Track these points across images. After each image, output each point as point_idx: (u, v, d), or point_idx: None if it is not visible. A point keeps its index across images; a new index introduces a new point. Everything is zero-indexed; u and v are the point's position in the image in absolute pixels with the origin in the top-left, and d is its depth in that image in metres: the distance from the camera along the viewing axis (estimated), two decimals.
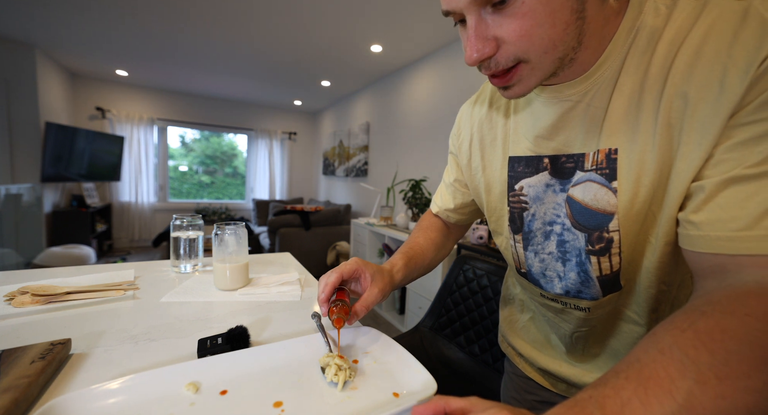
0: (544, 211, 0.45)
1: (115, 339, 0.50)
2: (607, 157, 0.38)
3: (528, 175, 0.46)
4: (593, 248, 0.41)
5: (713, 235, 0.30)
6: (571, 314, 0.48)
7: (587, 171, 0.40)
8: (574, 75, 0.38)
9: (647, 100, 0.34)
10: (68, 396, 0.33)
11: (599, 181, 0.38)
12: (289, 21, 2.33)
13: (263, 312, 0.62)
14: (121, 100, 4.20)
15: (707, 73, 0.30)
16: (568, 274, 0.45)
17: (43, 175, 3.09)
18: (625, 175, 0.37)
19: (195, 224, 0.85)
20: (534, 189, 0.46)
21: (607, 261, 0.41)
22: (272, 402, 0.36)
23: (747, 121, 0.29)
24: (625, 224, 0.38)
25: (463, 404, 0.27)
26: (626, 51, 0.35)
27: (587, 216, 0.41)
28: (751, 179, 0.29)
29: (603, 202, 0.39)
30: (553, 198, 0.44)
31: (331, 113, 4.90)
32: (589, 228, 0.41)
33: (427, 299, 2.05)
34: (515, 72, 0.35)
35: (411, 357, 0.43)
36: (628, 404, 0.24)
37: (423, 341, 0.95)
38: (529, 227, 0.48)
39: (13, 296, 0.60)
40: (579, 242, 0.42)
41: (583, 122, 0.39)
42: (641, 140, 0.35)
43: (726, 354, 0.24)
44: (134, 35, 2.71)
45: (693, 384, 0.23)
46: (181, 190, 4.94)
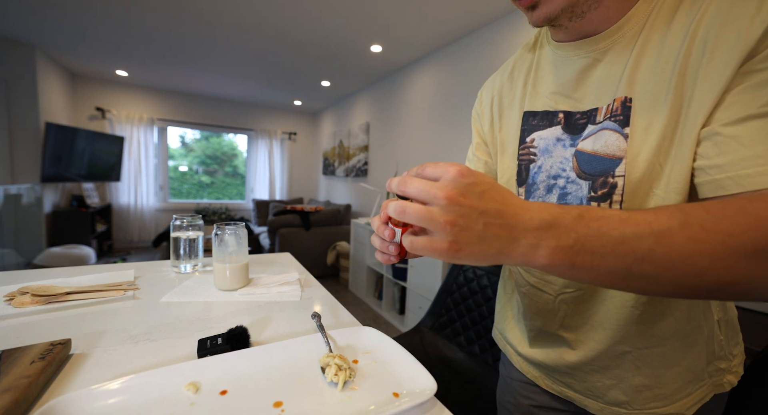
0: (551, 164, 0.46)
1: (115, 339, 0.50)
2: (622, 105, 0.38)
3: (541, 128, 0.47)
4: (595, 194, 0.41)
5: (742, 173, 0.29)
6: None
7: (599, 122, 0.40)
8: (595, 29, 0.40)
9: (667, 52, 0.35)
10: (68, 396, 0.33)
11: (612, 128, 0.39)
12: (289, 21, 2.33)
13: (263, 312, 0.62)
14: (121, 100, 4.20)
15: (727, 24, 0.31)
16: None
17: (43, 176, 3.09)
18: (638, 122, 0.37)
19: (195, 224, 0.85)
20: (544, 141, 0.46)
21: (607, 207, 0.40)
22: (272, 402, 0.36)
23: (760, 68, 0.29)
24: (630, 169, 0.38)
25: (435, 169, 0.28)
26: (650, 11, 0.37)
27: (595, 163, 0.41)
28: (764, 116, 0.29)
29: (613, 148, 0.39)
30: (562, 152, 0.44)
31: (331, 113, 4.90)
32: (595, 175, 0.41)
33: (427, 299, 2.05)
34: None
35: (411, 357, 0.43)
36: (606, 218, 0.26)
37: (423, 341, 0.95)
38: (533, 178, 0.48)
39: (13, 296, 0.60)
40: (581, 192, 0.42)
41: (600, 79, 0.40)
42: (656, 90, 0.36)
43: (721, 216, 0.25)
44: (134, 35, 2.71)
45: (675, 225, 0.25)
46: (181, 191, 4.94)
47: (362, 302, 2.87)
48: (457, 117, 2.47)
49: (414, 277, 2.19)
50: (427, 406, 0.38)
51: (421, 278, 2.12)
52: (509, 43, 2.06)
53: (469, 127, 2.36)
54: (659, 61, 0.36)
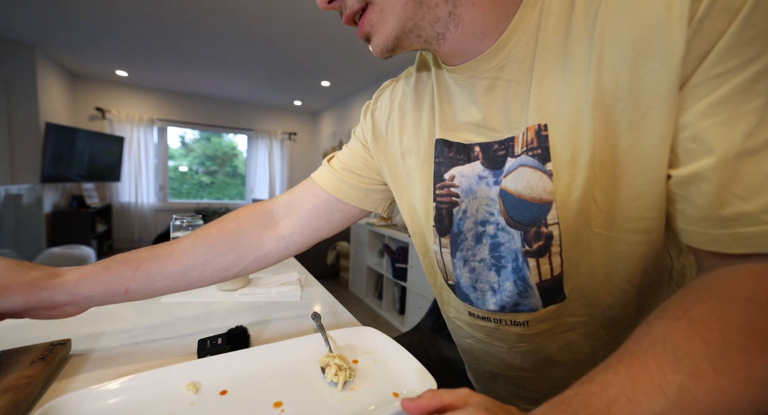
0: (477, 207, 0.39)
1: (115, 339, 0.50)
2: (537, 134, 0.32)
3: (461, 163, 0.39)
4: (530, 249, 0.35)
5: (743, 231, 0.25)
6: (506, 331, 0.42)
7: (518, 155, 0.34)
8: (480, 47, 0.34)
9: (573, 66, 0.30)
10: (68, 397, 0.33)
11: (531, 165, 0.33)
12: (289, 21, 2.33)
13: (263, 312, 0.62)
14: (121, 100, 4.20)
15: (641, 21, 0.25)
16: (503, 284, 0.38)
17: (43, 176, 3.09)
18: (560, 155, 0.31)
19: (195, 224, 0.85)
20: (467, 180, 0.39)
21: (547, 263, 0.35)
22: (272, 402, 0.36)
23: (713, 75, 0.24)
24: (564, 214, 0.32)
25: (455, 398, 0.25)
26: (539, 15, 0.31)
27: (522, 209, 0.34)
28: (758, 153, 0.23)
29: (539, 190, 0.33)
30: (486, 192, 0.38)
31: (331, 113, 4.90)
32: (525, 224, 0.35)
33: (427, 299, 2.05)
34: (365, 16, 0.32)
35: (411, 357, 0.43)
36: (615, 403, 0.22)
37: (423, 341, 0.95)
38: (458, 227, 0.40)
39: None
40: (515, 243, 0.36)
41: (507, 101, 0.34)
42: (571, 112, 0.30)
43: (724, 345, 0.21)
44: (134, 36, 2.71)
45: (686, 378, 0.21)
46: (181, 191, 4.94)
47: (362, 302, 2.87)
48: None
49: (414, 277, 2.19)
50: None
51: (421, 278, 2.12)
52: None
53: None
54: (567, 76, 0.30)
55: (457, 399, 0.25)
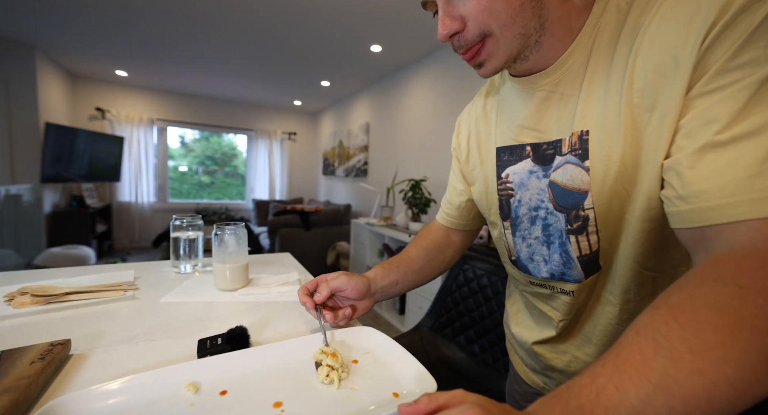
0: (529, 196, 0.47)
1: (115, 340, 0.50)
2: (580, 138, 0.40)
3: (512, 163, 0.49)
4: (572, 227, 0.43)
5: (702, 205, 0.29)
6: (559, 299, 0.49)
7: (564, 155, 0.42)
8: (545, 64, 0.41)
9: (613, 84, 0.37)
10: (68, 397, 0.33)
11: (574, 162, 0.41)
12: (289, 21, 2.33)
13: (263, 312, 0.62)
14: (120, 100, 4.20)
15: (664, 51, 0.32)
16: (552, 256, 0.47)
17: (42, 176, 3.09)
18: (596, 155, 0.39)
19: (195, 224, 0.85)
20: (518, 176, 0.48)
21: (585, 240, 0.43)
22: (272, 402, 0.36)
23: (705, 91, 0.30)
24: (598, 201, 0.40)
25: (450, 399, 0.26)
26: (591, 44, 0.39)
27: (566, 197, 0.43)
28: (722, 145, 0.29)
29: (578, 182, 0.41)
30: (537, 184, 0.46)
31: (331, 113, 4.90)
32: (568, 208, 0.43)
33: (427, 299, 2.05)
34: (483, 47, 0.40)
35: (411, 357, 0.43)
36: (603, 391, 0.23)
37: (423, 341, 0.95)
38: (516, 212, 0.50)
39: (12, 297, 0.60)
40: (560, 224, 0.44)
41: (558, 110, 0.42)
42: (608, 121, 0.37)
43: (696, 325, 0.23)
44: (134, 36, 2.71)
45: (667, 362, 0.22)
46: (181, 191, 4.94)
47: None
48: (457, 116, 2.47)
49: None
50: None
51: None
52: None
53: None
54: (608, 93, 0.37)
55: (452, 399, 0.26)
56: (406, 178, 2.89)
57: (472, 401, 0.25)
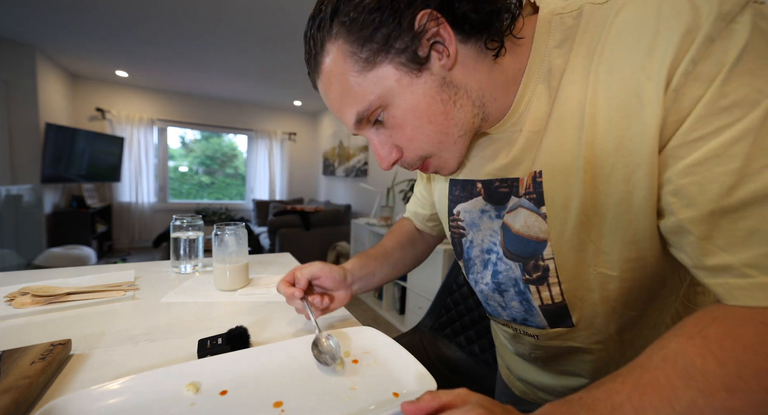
0: (482, 238, 0.44)
1: (115, 340, 0.50)
2: (534, 180, 0.36)
3: (463, 200, 0.45)
4: (530, 277, 0.39)
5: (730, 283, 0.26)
6: (523, 339, 0.47)
7: (520, 197, 0.38)
8: (501, 116, 0.38)
9: (568, 120, 0.33)
10: (68, 397, 0.33)
11: (528, 207, 0.37)
12: (289, 21, 2.33)
13: (263, 312, 0.62)
14: (121, 100, 4.20)
15: (625, 88, 0.28)
16: (509, 303, 0.44)
17: (43, 176, 3.09)
18: (553, 199, 0.35)
19: (195, 224, 0.85)
20: (470, 215, 0.45)
21: (546, 290, 0.39)
22: (272, 402, 0.36)
23: (689, 140, 0.26)
24: (558, 251, 0.36)
25: (453, 398, 0.26)
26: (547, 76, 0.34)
27: (520, 244, 0.39)
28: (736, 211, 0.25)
29: (535, 229, 0.37)
30: (489, 224, 0.42)
31: (331, 113, 4.89)
32: (524, 257, 0.39)
33: (427, 299, 2.05)
34: (428, 165, 0.39)
35: (411, 357, 0.43)
36: (619, 409, 0.22)
37: (423, 341, 0.95)
38: (468, 253, 0.47)
39: (13, 297, 0.60)
40: (514, 272, 0.41)
41: (521, 150, 0.37)
42: (564, 162, 0.33)
43: (738, 366, 0.22)
44: (134, 36, 2.71)
45: (697, 395, 0.21)
46: (181, 191, 4.94)
47: (362, 302, 2.87)
48: None
49: (414, 277, 2.19)
50: None
51: (421, 278, 2.12)
52: None
53: None
54: (560, 129, 0.33)
55: (455, 398, 0.26)
56: (406, 179, 2.88)
57: (475, 402, 0.25)
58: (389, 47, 0.31)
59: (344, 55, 0.33)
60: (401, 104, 0.33)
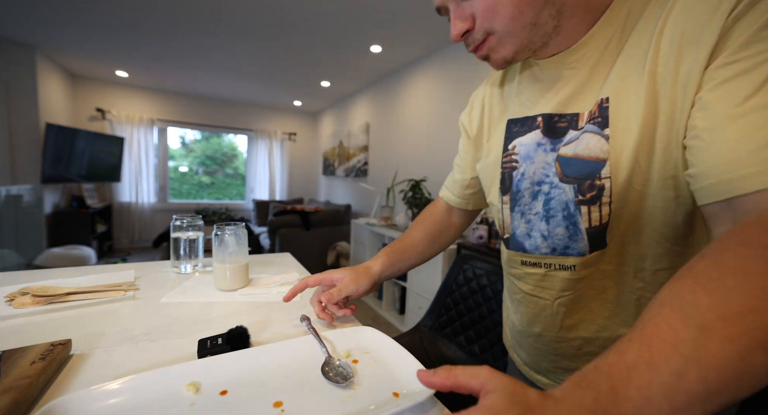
0: (534, 170, 0.46)
1: (115, 340, 0.50)
2: (600, 106, 0.39)
3: (521, 135, 0.48)
4: (584, 198, 0.41)
5: (725, 178, 0.29)
6: (555, 277, 0.47)
7: (580, 128, 0.41)
8: (568, 44, 0.41)
9: (635, 52, 0.37)
10: (68, 397, 0.33)
11: (593, 131, 0.40)
12: (289, 21, 2.33)
13: (263, 312, 0.62)
14: (121, 101, 4.21)
15: (693, 19, 0.32)
16: (553, 231, 0.45)
17: (43, 176, 3.09)
18: (617, 122, 0.38)
19: (195, 224, 0.85)
20: (525, 147, 0.47)
21: (597, 210, 0.41)
22: (272, 402, 0.36)
23: (728, 62, 0.30)
24: (615, 170, 0.38)
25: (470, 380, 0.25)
26: (625, 19, 0.38)
27: (579, 166, 0.41)
28: (743, 116, 0.28)
29: (596, 150, 0.39)
30: (543, 157, 0.45)
31: (330, 114, 4.90)
32: (580, 178, 0.41)
33: (427, 298, 2.05)
34: (485, 44, 0.41)
35: (411, 357, 0.43)
36: (633, 369, 0.22)
37: (423, 341, 0.95)
38: (517, 186, 0.48)
39: (13, 297, 0.60)
40: (567, 195, 0.43)
41: (583, 85, 0.41)
42: (629, 89, 0.37)
43: (725, 291, 0.22)
44: (134, 36, 2.71)
45: (697, 332, 0.21)
46: (182, 191, 4.94)
47: (362, 302, 2.87)
48: (457, 116, 2.47)
49: (414, 277, 2.19)
50: (427, 406, 0.38)
51: (421, 278, 2.12)
52: None
53: None
54: (629, 61, 0.37)
55: (472, 381, 0.25)
56: (406, 179, 2.89)
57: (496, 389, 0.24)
58: None
59: None
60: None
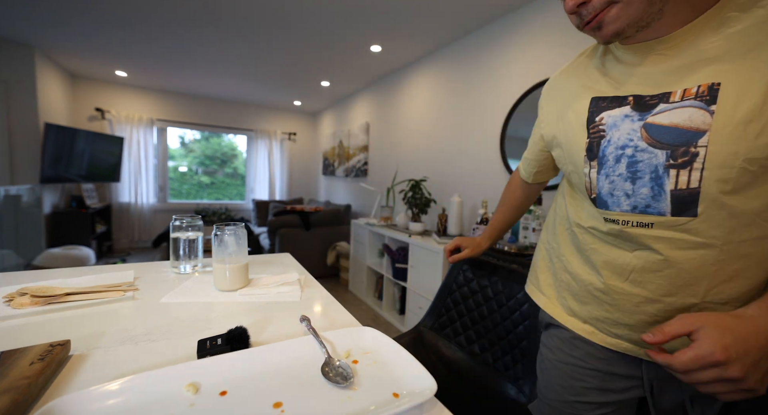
0: (618, 136, 0.49)
1: (114, 340, 0.50)
2: (710, 88, 0.41)
3: (610, 109, 0.51)
4: (675, 162, 0.43)
5: None
6: (630, 233, 0.49)
7: (674, 102, 0.44)
8: (662, 33, 0.44)
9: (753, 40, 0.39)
10: (68, 397, 0.33)
11: (697, 106, 0.42)
12: (289, 21, 2.33)
13: (263, 313, 0.62)
14: (120, 100, 4.20)
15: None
16: (638, 190, 0.48)
17: (42, 177, 3.08)
18: (725, 101, 0.40)
19: (194, 224, 0.85)
20: (612, 118, 0.50)
21: (686, 174, 0.42)
22: (272, 403, 0.36)
23: None
24: (716, 140, 0.40)
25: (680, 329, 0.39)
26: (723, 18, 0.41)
27: (674, 134, 0.43)
28: None
29: (698, 122, 0.41)
30: (629, 126, 0.48)
31: (330, 113, 4.90)
32: (675, 144, 0.43)
33: (427, 299, 2.05)
34: (607, 11, 0.43)
35: (411, 357, 0.43)
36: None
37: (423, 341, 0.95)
38: (603, 152, 0.51)
39: (12, 298, 0.60)
40: (657, 159, 0.45)
41: (674, 69, 0.44)
42: (748, 76, 0.39)
43: None
44: (133, 36, 2.71)
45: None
46: (181, 191, 4.94)
47: (362, 303, 2.87)
48: (457, 116, 2.47)
49: (414, 277, 2.19)
50: (427, 406, 0.38)
51: (421, 278, 2.12)
52: (508, 42, 2.06)
53: (468, 126, 2.37)
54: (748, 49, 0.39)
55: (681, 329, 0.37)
56: (406, 178, 2.89)
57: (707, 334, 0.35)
58: None
59: None
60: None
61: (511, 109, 2.03)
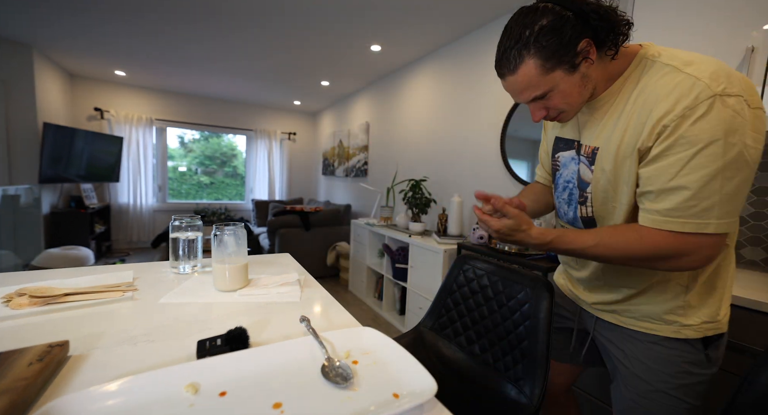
0: (565, 174, 0.73)
1: (113, 341, 0.50)
2: (593, 151, 0.66)
3: (563, 150, 0.73)
4: (580, 200, 0.70)
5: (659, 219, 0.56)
6: None
7: (581, 155, 0.69)
8: (594, 97, 0.64)
9: (621, 123, 0.60)
10: (66, 398, 0.33)
11: (587, 164, 0.67)
12: (289, 21, 2.33)
13: (263, 313, 0.62)
14: (119, 100, 4.20)
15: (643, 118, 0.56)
16: (569, 212, 0.74)
17: (41, 176, 3.08)
18: (597, 164, 0.65)
19: (194, 224, 0.85)
20: (564, 158, 0.73)
21: (584, 208, 0.70)
22: (272, 403, 0.36)
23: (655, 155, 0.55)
24: (594, 190, 0.67)
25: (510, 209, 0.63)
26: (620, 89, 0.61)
27: (582, 181, 0.69)
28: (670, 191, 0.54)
29: (587, 176, 0.67)
30: (573, 167, 0.71)
31: (330, 113, 4.90)
32: (581, 188, 0.69)
33: (427, 299, 2.05)
34: (559, 115, 0.64)
35: (411, 357, 0.43)
36: (567, 234, 0.62)
37: (423, 341, 0.95)
38: (557, 181, 0.77)
39: (10, 298, 0.60)
40: (575, 195, 0.71)
41: (594, 127, 0.66)
42: (610, 147, 0.62)
43: (617, 239, 0.59)
44: (133, 36, 2.71)
45: (593, 243, 0.59)
46: (181, 191, 4.93)
47: (362, 303, 2.87)
48: (457, 116, 2.47)
49: (414, 277, 2.19)
50: (427, 406, 0.38)
51: (421, 279, 2.12)
52: None
53: (469, 126, 2.37)
54: (615, 127, 0.61)
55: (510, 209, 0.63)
56: (406, 178, 2.88)
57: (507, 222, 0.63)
58: (562, 62, 0.55)
59: (535, 66, 0.56)
60: (560, 90, 0.58)
61: (512, 109, 2.03)
